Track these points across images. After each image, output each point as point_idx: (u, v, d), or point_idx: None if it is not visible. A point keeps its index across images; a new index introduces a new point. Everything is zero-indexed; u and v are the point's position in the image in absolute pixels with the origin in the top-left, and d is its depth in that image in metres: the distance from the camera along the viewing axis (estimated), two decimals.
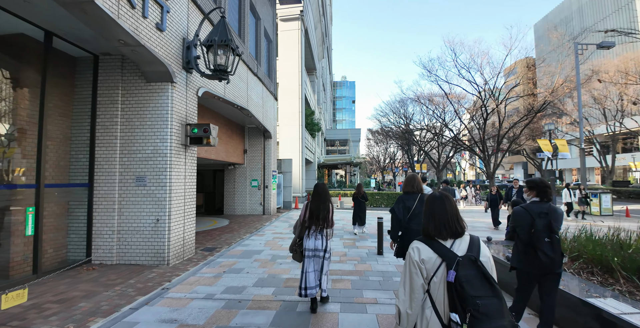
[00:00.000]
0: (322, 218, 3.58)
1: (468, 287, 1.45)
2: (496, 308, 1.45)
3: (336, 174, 32.27)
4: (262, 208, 12.30)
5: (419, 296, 1.59)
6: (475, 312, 1.41)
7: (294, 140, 17.87)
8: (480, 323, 1.40)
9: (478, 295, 1.44)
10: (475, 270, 1.51)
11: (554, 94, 19.67)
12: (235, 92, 8.70)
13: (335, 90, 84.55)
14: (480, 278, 1.50)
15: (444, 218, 1.68)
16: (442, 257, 1.57)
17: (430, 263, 1.58)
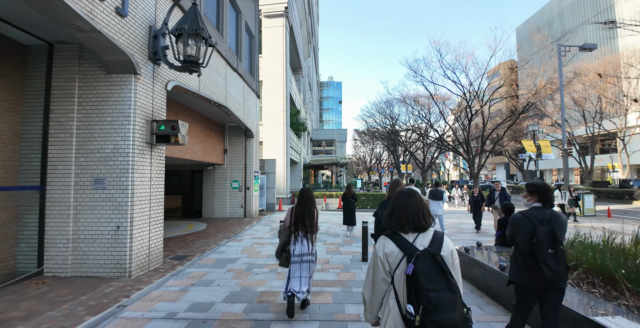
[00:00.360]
0: (307, 223, 3.60)
1: (424, 280, 1.50)
2: (448, 301, 1.49)
3: (322, 175, 31.83)
4: (243, 210, 11.75)
5: (380, 288, 1.67)
6: (427, 304, 1.46)
7: (279, 140, 17.35)
8: (431, 315, 1.45)
9: (432, 288, 1.49)
10: (433, 264, 1.55)
11: (537, 96, 19.86)
12: (212, 88, 8.16)
13: (322, 90, 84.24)
14: (437, 272, 1.53)
15: (407, 213, 1.71)
16: (404, 250, 1.62)
17: (393, 257, 1.63)
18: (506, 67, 23.97)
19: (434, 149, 37.63)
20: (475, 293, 4.30)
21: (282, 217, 12.22)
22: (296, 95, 23.55)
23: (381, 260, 1.66)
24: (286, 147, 17.41)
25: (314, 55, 50.61)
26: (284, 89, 17.72)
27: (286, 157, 17.34)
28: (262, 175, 14.16)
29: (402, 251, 1.63)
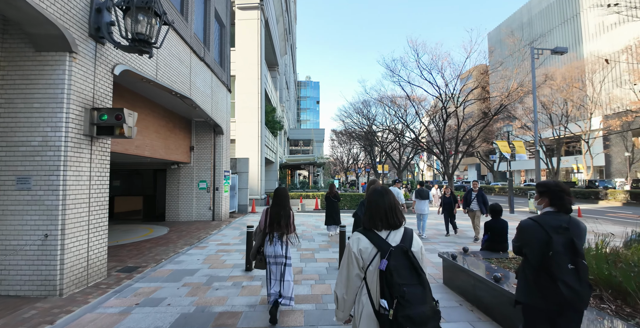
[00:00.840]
0: (282, 224, 3.50)
1: (396, 275, 1.53)
2: (420, 295, 1.53)
3: (299, 175, 31.14)
4: (212, 213, 10.88)
5: (354, 284, 1.68)
6: (400, 298, 1.49)
7: (253, 138, 16.52)
8: (404, 309, 1.47)
9: (405, 283, 1.52)
10: (405, 260, 1.58)
11: (510, 98, 20.20)
12: (174, 77, 7.32)
13: (300, 90, 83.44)
14: (409, 268, 1.57)
15: (380, 211, 1.73)
16: (378, 247, 1.64)
17: (367, 253, 1.65)
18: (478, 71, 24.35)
19: (409, 150, 38.00)
20: (465, 307, 3.82)
21: (255, 220, 11.46)
22: (272, 92, 22.75)
23: (355, 256, 1.67)
24: (261, 146, 16.61)
25: (292, 54, 49.84)
26: (259, 84, 16.91)
27: (261, 156, 16.54)
28: (234, 175, 13.32)
29: (375, 247, 1.64)
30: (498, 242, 4.70)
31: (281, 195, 3.62)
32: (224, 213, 11.24)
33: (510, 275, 3.59)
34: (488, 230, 4.81)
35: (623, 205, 18.98)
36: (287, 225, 3.52)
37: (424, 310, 1.51)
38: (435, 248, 6.94)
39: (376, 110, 30.65)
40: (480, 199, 7.98)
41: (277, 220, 3.49)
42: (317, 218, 11.67)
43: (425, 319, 1.50)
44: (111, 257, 6.13)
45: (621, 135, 33.73)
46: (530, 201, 15.54)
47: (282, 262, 3.49)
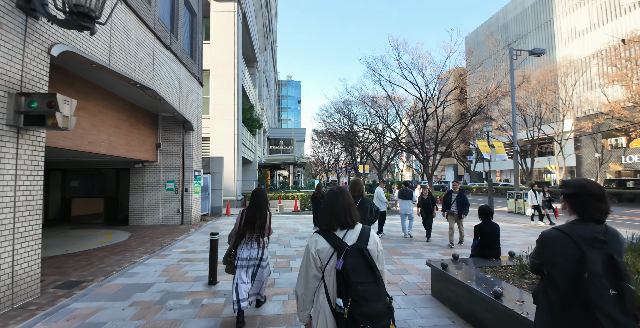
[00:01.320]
0: (258, 226, 3.36)
1: (352, 274, 1.55)
2: (374, 292, 1.55)
3: (279, 175, 30.32)
4: (180, 216, 10.04)
5: (312, 284, 1.68)
6: (355, 296, 1.51)
7: (228, 136, 15.68)
8: (358, 307, 1.49)
9: (360, 281, 1.54)
10: (360, 259, 1.60)
11: (489, 98, 20.39)
12: (132, 64, 6.51)
13: (281, 89, 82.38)
14: (364, 266, 1.59)
15: (335, 211, 1.75)
16: (335, 247, 1.64)
17: (324, 253, 1.65)
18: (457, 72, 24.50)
19: (390, 150, 38.04)
20: (459, 323, 3.34)
21: (229, 223, 10.70)
22: (250, 89, 21.92)
23: (313, 257, 1.68)
24: (237, 144, 15.79)
25: (272, 52, 48.92)
26: (235, 79, 16.09)
27: (237, 155, 15.73)
28: (207, 174, 12.48)
29: (332, 247, 1.65)
30: (490, 247, 4.27)
31: (258, 196, 3.47)
32: (194, 216, 10.42)
33: (510, 289, 3.14)
34: (478, 235, 4.37)
35: None
36: (261, 227, 3.37)
37: (378, 307, 1.55)
38: (420, 253, 6.49)
39: (357, 110, 30.42)
40: (460, 201, 7.26)
41: (252, 221, 3.34)
42: (295, 221, 11.06)
43: (380, 315, 1.54)
44: (54, 269, 5.29)
45: (591, 137, 35.09)
46: (509, 201, 15.58)
47: (255, 264, 3.37)
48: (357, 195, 3.94)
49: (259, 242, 3.40)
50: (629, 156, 32.63)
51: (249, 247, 3.35)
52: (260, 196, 3.47)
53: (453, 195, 7.42)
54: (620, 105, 23.63)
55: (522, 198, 14.58)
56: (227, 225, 10.00)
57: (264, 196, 3.50)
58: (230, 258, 3.44)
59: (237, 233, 3.41)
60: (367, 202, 3.93)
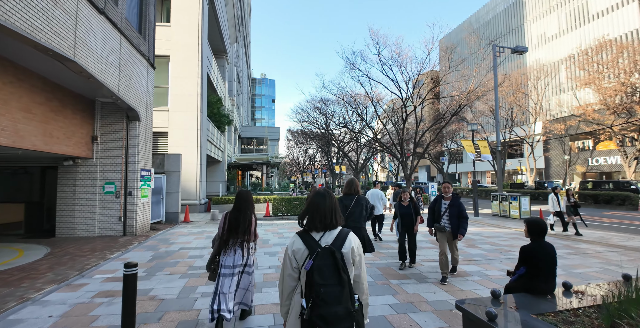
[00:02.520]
0: (242, 230, 3.12)
1: (317, 275, 1.54)
2: (335, 295, 1.53)
3: (251, 176, 28.37)
4: (123, 225, 8.17)
5: (288, 283, 1.70)
6: (316, 298, 1.51)
7: (190, 131, 13.81)
8: (317, 308, 1.50)
9: (324, 284, 1.53)
10: (330, 261, 1.58)
11: (469, 97, 19.88)
12: (38, 21, 4.72)
13: (255, 87, 79.79)
14: (332, 268, 1.57)
15: (319, 212, 1.74)
16: (309, 248, 1.65)
17: (300, 254, 1.67)
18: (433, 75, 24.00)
19: (367, 150, 37.21)
20: None
21: (185, 232, 8.95)
22: (218, 81, 20.01)
23: (289, 257, 1.70)
24: (200, 141, 13.94)
25: (245, 48, 46.80)
26: (199, 68, 14.25)
27: (200, 153, 13.88)
28: (160, 175, 10.62)
29: (307, 248, 1.65)
30: (543, 278, 2.97)
31: (242, 199, 3.25)
32: (141, 225, 8.58)
33: None
34: (526, 260, 3.07)
35: None
36: (245, 231, 3.15)
37: (337, 310, 1.51)
38: (424, 276, 5.14)
39: (334, 109, 29.19)
40: (455, 212, 4.69)
41: (236, 225, 3.13)
42: (266, 229, 9.49)
43: (337, 319, 1.51)
44: None
45: (559, 139, 36.10)
46: (494, 203, 14.85)
47: (240, 271, 3.12)
48: (352, 192, 4.15)
49: (244, 247, 3.15)
50: (595, 158, 33.77)
51: (233, 253, 3.10)
52: (244, 199, 3.23)
53: (444, 202, 4.86)
54: (592, 108, 24.02)
55: (508, 200, 13.87)
56: (183, 237, 8.25)
57: (248, 199, 3.26)
58: (214, 266, 3.17)
59: (220, 239, 3.16)
60: (363, 200, 4.13)
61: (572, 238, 8.44)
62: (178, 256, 6.13)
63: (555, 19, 39.13)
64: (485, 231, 9.62)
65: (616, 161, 31.40)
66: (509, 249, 6.86)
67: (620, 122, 22.06)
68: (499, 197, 14.49)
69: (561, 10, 38.58)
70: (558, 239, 8.31)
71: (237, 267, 3.09)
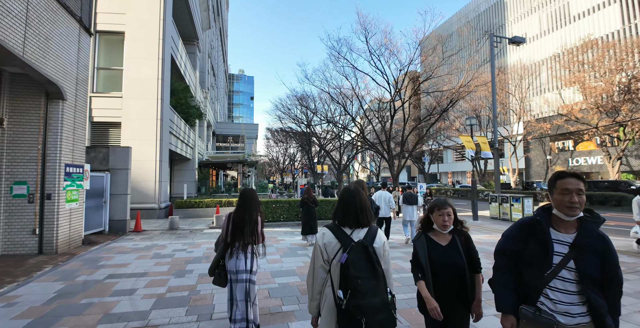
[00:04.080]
0: (247, 231, 2.88)
1: (353, 268, 1.61)
2: (372, 287, 1.60)
3: (226, 176, 26.10)
4: (38, 240, 6.05)
5: (319, 275, 1.77)
6: (353, 289, 1.57)
7: (148, 121, 11.66)
8: (355, 300, 1.56)
9: (360, 276, 1.60)
10: (364, 255, 1.66)
11: (460, 92, 18.84)
12: None
13: (233, 83, 76.73)
14: (366, 262, 1.64)
15: (351, 209, 1.79)
16: (341, 242, 1.72)
17: (331, 247, 1.73)
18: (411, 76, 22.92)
19: (350, 149, 35.76)
20: None
21: (130, 248, 6.91)
22: (186, 68, 17.80)
23: (320, 249, 1.76)
24: (161, 133, 11.81)
25: (222, 41, 44.29)
26: (160, 48, 12.11)
27: (160, 148, 11.74)
28: (103, 173, 8.48)
29: (339, 242, 1.72)
30: None
31: (246, 197, 3.00)
32: (66, 239, 6.47)
33: None
34: None
35: None
36: (252, 232, 2.89)
37: (374, 301, 1.57)
38: None
39: (316, 106, 27.39)
40: (595, 274, 1.68)
41: (241, 226, 2.86)
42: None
43: (374, 310, 1.57)
44: None
45: (540, 140, 36.13)
46: (492, 205, 13.61)
47: (245, 278, 2.82)
48: None
49: (249, 250, 2.88)
50: (575, 159, 33.92)
51: (235, 256, 2.84)
52: (249, 197, 3.00)
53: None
54: (578, 107, 23.62)
55: (509, 202, 12.64)
56: (121, 255, 6.18)
57: (253, 196, 3.03)
58: (218, 270, 2.87)
59: (224, 241, 2.90)
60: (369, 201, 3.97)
61: None
62: (97, 291, 4.15)
63: (536, 20, 39.32)
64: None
65: (596, 161, 31.55)
66: None
67: (607, 121, 21.66)
68: (498, 199, 13.25)
69: (542, 11, 38.79)
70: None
71: (240, 273, 2.81)
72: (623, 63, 21.06)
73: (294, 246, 7.10)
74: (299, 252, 6.52)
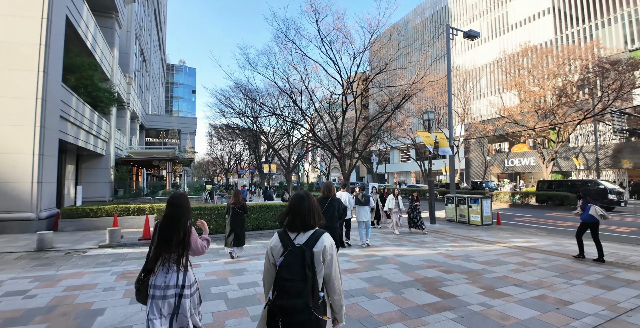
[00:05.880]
0: (176, 243, 2.52)
1: (285, 271, 1.67)
2: (297, 289, 1.63)
3: (153, 176, 22.42)
4: None
5: (267, 276, 1.86)
6: (279, 291, 1.66)
7: (21, 101, 8.54)
8: (278, 300, 1.64)
9: (289, 278, 1.65)
10: (299, 258, 1.70)
11: (412, 88, 18.14)
12: None
13: (172, 75, 70.15)
14: (300, 265, 1.68)
15: (300, 213, 1.85)
16: (284, 246, 1.79)
17: (276, 250, 1.81)
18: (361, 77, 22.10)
19: (300, 147, 33.97)
20: None
21: None
22: (97, 42, 14.41)
23: (268, 253, 1.86)
24: (43, 117, 8.73)
25: (158, 26, 39.59)
26: (46, 5, 9.03)
27: (42, 136, 8.67)
28: None
29: (282, 246, 1.79)
30: None
31: (175, 204, 2.63)
32: None
33: None
34: None
35: (510, 207, 18.80)
36: (181, 243, 2.52)
37: (295, 302, 1.61)
38: None
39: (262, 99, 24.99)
40: None
41: (169, 236, 2.52)
42: (128, 287, 5.27)
43: (293, 311, 1.60)
44: None
45: (479, 142, 37.93)
46: (449, 207, 12.72)
47: (174, 293, 2.45)
48: (329, 195, 4.77)
49: (180, 263, 2.53)
50: (510, 160, 36.07)
51: (164, 270, 2.49)
52: (177, 205, 2.62)
53: None
54: (519, 109, 24.59)
55: (467, 203, 11.80)
56: None
57: (181, 204, 2.64)
58: (138, 284, 2.53)
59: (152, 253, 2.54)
60: (336, 202, 4.73)
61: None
62: None
63: (477, 27, 41.39)
64: (474, 250, 6.90)
65: (529, 162, 33.73)
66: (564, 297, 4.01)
67: (544, 123, 22.70)
68: (455, 200, 12.37)
69: (483, 19, 40.96)
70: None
71: (170, 288, 2.44)
72: (559, 69, 22.23)
73: (210, 278, 4.85)
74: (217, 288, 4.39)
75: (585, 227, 6.03)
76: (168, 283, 2.48)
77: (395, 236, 8.88)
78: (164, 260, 2.53)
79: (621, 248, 7.07)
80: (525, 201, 18.74)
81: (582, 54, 21.86)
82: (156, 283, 2.47)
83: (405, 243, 7.73)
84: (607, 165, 26.69)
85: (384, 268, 5.35)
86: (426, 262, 5.73)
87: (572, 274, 4.99)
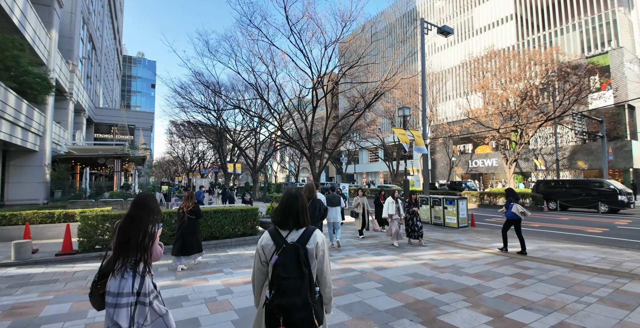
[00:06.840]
0: (133, 245, 2.28)
1: (281, 269, 1.67)
2: (295, 287, 1.64)
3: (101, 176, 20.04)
4: None
5: (258, 277, 1.82)
6: (277, 289, 1.64)
7: None
8: (277, 299, 1.63)
9: (286, 277, 1.65)
10: (293, 256, 1.69)
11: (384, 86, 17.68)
12: None
13: (130, 67, 65.17)
14: (295, 263, 1.68)
15: (291, 212, 1.84)
16: (276, 244, 1.76)
17: (268, 249, 1.78)
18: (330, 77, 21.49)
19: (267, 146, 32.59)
20: None
21: None
22: (30, 21, 12.31)
23: (259, 251, 1.82)
24: None
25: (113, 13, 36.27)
26: None
27: None
28: None
29: (275, 244, 1.76)
30: None
31: (139, 204, 2.42)
32: None
33: None
34: None
35: (478, 207, 18.85)
36: (140, 246, 2.28)
37: (294, 301, 1.61)
38: None
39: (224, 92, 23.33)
40: None
41: (126, 238, 2.29)
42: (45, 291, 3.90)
43: (294, 309, 1.61)
44: None
45: (444, 143, 38.71)
46: (423, 208, 12.16)
47: (130, 302, 2.17)
48: (310, 196, 4.88)
49: (139, 268, 2.29)
50: (474, 161, 37.08)
51: (120, 276, 2.23)
52: (140, 205, 2.40)
53: None
54: (484, 111, 25.05)
55: (442, 204, 11.29)
56: None
57: (146, 205, 2.42)
58: (93, 289, 2.30)
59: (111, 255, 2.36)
60: (318, 202, 4.95)
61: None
62: None
63: None
64: (461, 259, 6.17)
65: (492, 164, 34.81)
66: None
67: (508, 125, 23.23)
68: (429, 201, 11.82)
69: (450, 23, 41.92)
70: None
71: (124, 296, 2.17)
72: (522, 73, 22.86)
73: None
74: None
75: (509, 223, 6.68)
76: (122, 290, 2.20)
77: (371, 243, 8.03)
78: (121, 264, 2.29)
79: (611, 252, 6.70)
80: (493, 201, 18.88)
81: (542, 59, 22.64)
82: (110, 290, 2.24)
83: (384, 252, 6.89)
84: (565, 166, 28.03)
85: (364, 288, 4.41)
86: (412, 278, 4.88)
87: (578, 289, 4.35)
